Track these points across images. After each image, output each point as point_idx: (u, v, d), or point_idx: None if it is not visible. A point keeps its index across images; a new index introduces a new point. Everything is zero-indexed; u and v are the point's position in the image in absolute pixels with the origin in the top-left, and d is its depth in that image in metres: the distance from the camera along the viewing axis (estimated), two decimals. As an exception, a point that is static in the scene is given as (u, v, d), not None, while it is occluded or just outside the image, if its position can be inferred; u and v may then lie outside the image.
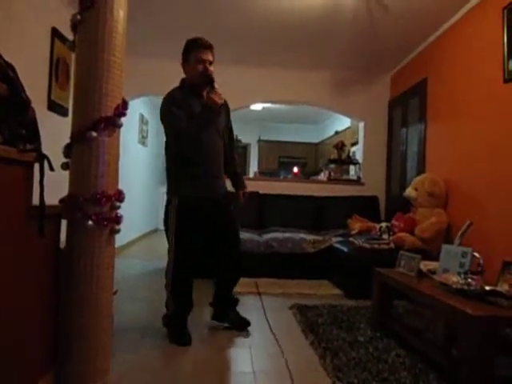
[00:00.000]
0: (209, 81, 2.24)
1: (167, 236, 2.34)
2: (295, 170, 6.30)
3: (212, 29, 3.92)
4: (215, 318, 2.51)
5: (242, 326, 2.44)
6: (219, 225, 2.42)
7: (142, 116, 6.51)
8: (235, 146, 2.67)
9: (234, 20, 3.75)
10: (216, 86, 2.23)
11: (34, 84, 2.95)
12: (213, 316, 2.52)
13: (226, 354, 2.16)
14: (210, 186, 2.35)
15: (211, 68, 2.30)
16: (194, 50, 2.29)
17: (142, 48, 4.42)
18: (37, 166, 1.39)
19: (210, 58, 2.30)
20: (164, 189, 8.57)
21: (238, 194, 2.60)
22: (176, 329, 2.29)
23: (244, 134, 7.99)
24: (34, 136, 1.37)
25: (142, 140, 6.70)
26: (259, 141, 8.89)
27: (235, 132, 2.69)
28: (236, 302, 2.53)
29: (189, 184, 2.28)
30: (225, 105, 2.40)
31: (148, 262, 4.73)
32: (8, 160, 1.25)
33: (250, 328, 2.45)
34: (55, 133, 2.34)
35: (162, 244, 6.37)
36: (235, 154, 2.63)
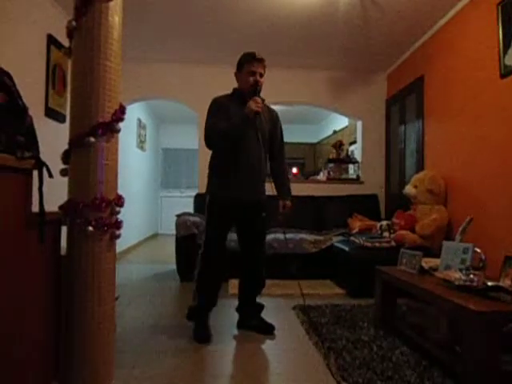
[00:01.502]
0: (255, 90, 2.33)
1: None
2: (294, 170, 6.29)
3: (210, 31, 3.94)
4: (239, 325, 2.55)
5: (265, 331, 2.46)
6: (245, 230, 2.49)
7: (139, 121, 6.51)
8: (283, 149, 2.66)
9: (231, 22, 3.75)
10: (260, 95, 2.33)
11: (31, 91, 2.96)
12: (237, 323, 2.57)
13: (229, 356, 2.16)
14: (239, 188, 2.36)
15: (262, 80, 2.41)
16: (247, 62, 2.40)
17: (139, 53, 4.42)
18: (35, 173, 1.39)
19: (261, 70, 2.41)
20: (163, 193, 8.54)
21: (280, 203, 2.59)
22: (196, 325, 2.38)
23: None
24: (32, 143, 1.37)
25: (141, 145, 6.70)
26: (257, 142, 8.88)
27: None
28: (260, 308, 2.58)
29: (218, 182, 2.38)
30: (270, 114, 2.52)
31: (149, 267, 4.72)
32: (6, 168, 1.25)
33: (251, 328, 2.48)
34: (53, 139, 2.35)
35: (162, 248, 6.39)
36: (284, 165, 2.64)
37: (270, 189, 2.55)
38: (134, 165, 6.23)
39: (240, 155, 2.34)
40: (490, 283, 1.83)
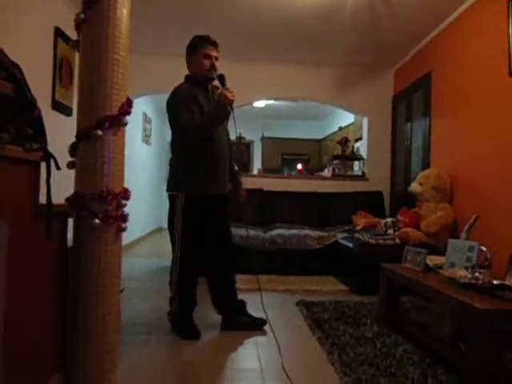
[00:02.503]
0: (221, 79, 2.27)
1: (171, 233, 2.34)
2: (299, 166, 6.28)
3: (215, 26, 3.91)
4: (225, 327, 2.42)
5: (258, 326, 2.41)
6: (217, 224, 2.42)
7: (145, 115, 6.52)
8: (231, 143, 2.62)
9: (236, 17, 3.74)
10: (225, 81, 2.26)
11: (38, 84, 2.96)
12: (221, 325, 2.44)
13: (233, 351, 2.17)
14: (218, 183, 2.34)
15: (217, 64, 2.33)
16: (201, 46, 2.32)
17: (146, 47, 4.42)
18: (43, 165, 1.40)
19: (216, 54, 2.35)
20: (168, 187, 8.35)
21: (238, 191, 2.59)
22: (184, 325, 2.31)
23: (247, 131, 7.98)
24: (40, 135, 1.38)
25: (146, 139, 6.71)
26: (262, 138, 8.87)
27: (239, 129, 2.69)
28: (244, 305, 2.49)
29: (197, 180, 2.28)
30: None
31: (152, 261, 4.75)
32: (15, 159, 1.25)
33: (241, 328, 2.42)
34: (59, 132, 2.36)
35: (166, 243, 6.40)
36: (231, 151, 2.60)
37: (274, 184, 2.55)
38: (139, 159, 6.24)
39: (213, 148, 2.29)
40: (495, 282, 1.82)
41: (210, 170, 2.30)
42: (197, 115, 2.21)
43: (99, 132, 1.64)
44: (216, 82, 2.36)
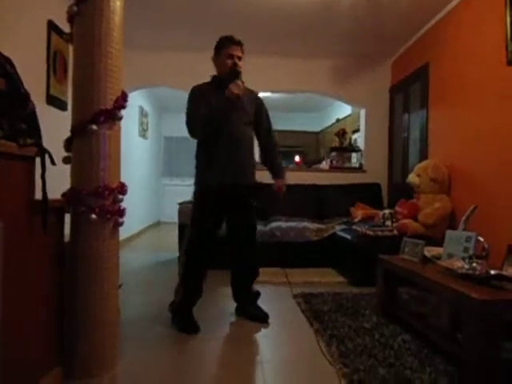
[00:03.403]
0: (235, 74, 2.28)
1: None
2: (297, 158, 6.26)
3: (211, 18, 3.89)
4: (237, 313, 2.58)
5: (260, 319, 2.45)
6: (236, 219, 2.46)
7: (141, 108, 6.48)
8: (273, 136, 2.62)
9: (233, 8, 3.69)
10: (241, 79, 2.27)
11: (32, 78, 2.93)
12: (236, 310, 2.59)
13: (232, 344, 2.18)
14: (228, 173, 2.33)
15: (240, 63, 2.36)
16: (225, 46, 2.37)
17: (141, 40, 4.37)
18: (38, 161, 1.38)
19: (240, 53, 2.38)
20: (165, 181, 8.53)
21: (274, 184, 2.58)
22: (182, 318, 2.33)
23: (244, 123, 7.94)
24: (34, 130, 1.36)
25: (143, 133, 6.67)
26: (260, 131, 8.84)
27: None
28: (255, 296, 2.57)
29: (205, 171, 2.35)
30: (252, 96, 2.48)
31: (151, 255, 4.75)
32: (9, 155, 1.24)
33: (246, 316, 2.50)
34: (54, 127, 2.33)
35: (164, 236, 6.41)
36: (273, 144, 2.61)
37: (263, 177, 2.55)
38: (135, 153, 6.22)
39: (225, 140, 2.31)
40: (492, 272, 1.82)
41: (222, 162, 2.31)
42: (201, 109, 2.25)
43: (94, 126, 1.63)
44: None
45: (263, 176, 2.71)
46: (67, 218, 1.72)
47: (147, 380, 1.73)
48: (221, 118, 2.26)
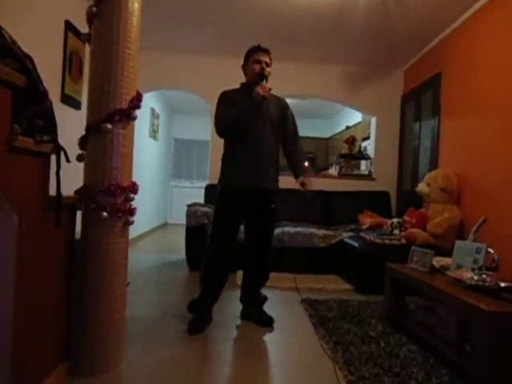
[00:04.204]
0: (261, 78, 2.32)
1: None
2: (305, 164, 6.27)
3: (224, 22, 3.92)
4: (242, 317, 2.57)
5: (264, 323, 2.45)
6: (253, 220, 2.47)
7: (153, 110, 6.53)
8: (298, 140, 2.61)
9: (246, 13, 3.73)
10: (267, 83, 2.32)
11: (48, 77, 2.98)
12: (241, 313, 2.59)
13: (238, 346, 2.17)
14: (249, 174, 2.34)
15: (268, 69, 2.40)
16: (253, 53, 2.43)
17: (154, 42, 4.42)
18: (53, 158, 1.41)
19: (267, 59, 2.42)
20: (173, 183, 8.55)
21: (301, 182, 2.53)
22: (193, 313, 2.38)
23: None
24: (51, 127, 1.38)
25: (153, 134, 6.73)
26: (269, 135, 8.86)
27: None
28: (262, 300, 2.58)
29: (228, 171, 2.39)
30: (279, 102, 2.52)
31: (158, 255, 4.77)
32: (26, 151, 1.26)
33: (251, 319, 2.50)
34: (67, 125, 2.36)
35: (171, 238, 6.43)
36: (298, 148, 2.60)
37: (281, 182, 2.55)
38: (146, 153, 6.26)
39: (249, 142, 2.34)
40: (502, 284, 1.81)
41: (245, 163, 2.34)
42: (229, 110, 2.31)
43: (109, 126, 1.65)
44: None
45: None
46: (78, 215, 1.74)
47: (151, 378, 1.73)
48: (246, 120, 2.30)
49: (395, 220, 3.78)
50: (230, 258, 2.42)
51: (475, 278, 1.90)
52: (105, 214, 1.66)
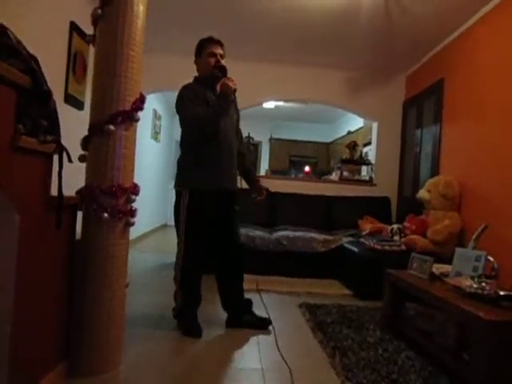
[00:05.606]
0: (222, 71, 2.30)
1: (177, 229, 2.35)
2: (306, 169, 6.27)
3: (227, 26, 3.93)
4: (230, 325, 2.43)
5: (262, 326, 2.41)
6: (222, 222, 2.39)
7: (155, 111, 6.55)
8: (244, 141, 2.63)
9: (250, 18, 3.74)
10: (226, 75, 2.29)
11: (52, 77, 2.99)
12: (227, 322, 2.44)
13: (235, 350, 2.17)
14: (222, 177, 2.32)
15: (223, 61, 2.36)
16: (205, 46, 2.37)
17: (156, 44, 4.44)
18: (56, 158, 1.41)
19: (221, 51, 2.38)
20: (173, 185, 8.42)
21: (255, 189, 2.55)
22: (187, 321, 2.32)
23: (256, 131, 7.99)
24: (54, 127, 1.39)
25: (155, 135, 6.74)
26: (271, 139, 8.88)
27: (248, 130, 2.70)
28: (250, 304, 2.50)
29: (200, 175, 2.27)
30: (235, 102, 2.46)
31: (158, 256, 4.77)
32: (29, 150, 1.27)
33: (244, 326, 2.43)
34: (70, 125, 2.37)
35: (170, 239, 6.42)
36: (245, 150, 2.62)
37: (283, 186, 2.55)
38: (147, 155, 6.27)
39: (221, 143, 2.29)
40: (502, 292, 1.80)
41: (213, 165, 2.28)
42: (202, 109, 2.23)
43: (111, 127, 1.66)
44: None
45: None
46: (79, 215, 1.74)
47: (150, 378, 1.73)
48: (223, 115, 2.25)
49: (395, 226, 3.78)
50: (205, 261, 2.39)
51: (474, 285, 1.90)
52: (106, 214, 1.66)
